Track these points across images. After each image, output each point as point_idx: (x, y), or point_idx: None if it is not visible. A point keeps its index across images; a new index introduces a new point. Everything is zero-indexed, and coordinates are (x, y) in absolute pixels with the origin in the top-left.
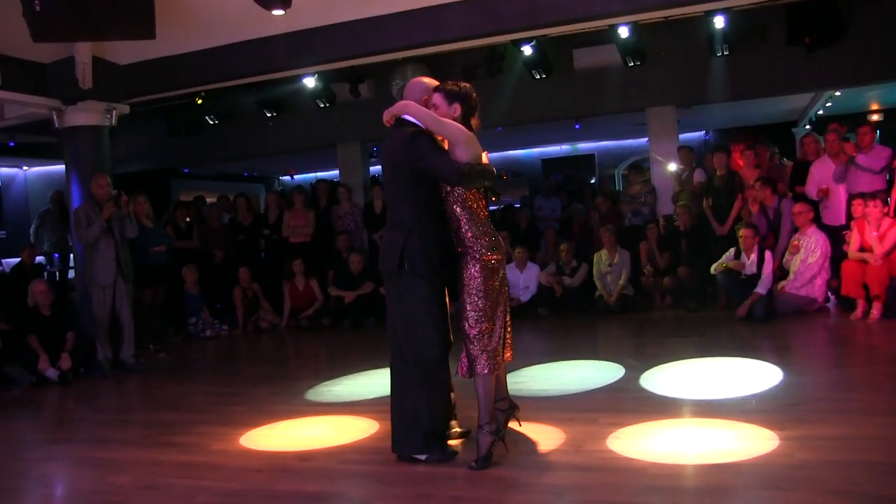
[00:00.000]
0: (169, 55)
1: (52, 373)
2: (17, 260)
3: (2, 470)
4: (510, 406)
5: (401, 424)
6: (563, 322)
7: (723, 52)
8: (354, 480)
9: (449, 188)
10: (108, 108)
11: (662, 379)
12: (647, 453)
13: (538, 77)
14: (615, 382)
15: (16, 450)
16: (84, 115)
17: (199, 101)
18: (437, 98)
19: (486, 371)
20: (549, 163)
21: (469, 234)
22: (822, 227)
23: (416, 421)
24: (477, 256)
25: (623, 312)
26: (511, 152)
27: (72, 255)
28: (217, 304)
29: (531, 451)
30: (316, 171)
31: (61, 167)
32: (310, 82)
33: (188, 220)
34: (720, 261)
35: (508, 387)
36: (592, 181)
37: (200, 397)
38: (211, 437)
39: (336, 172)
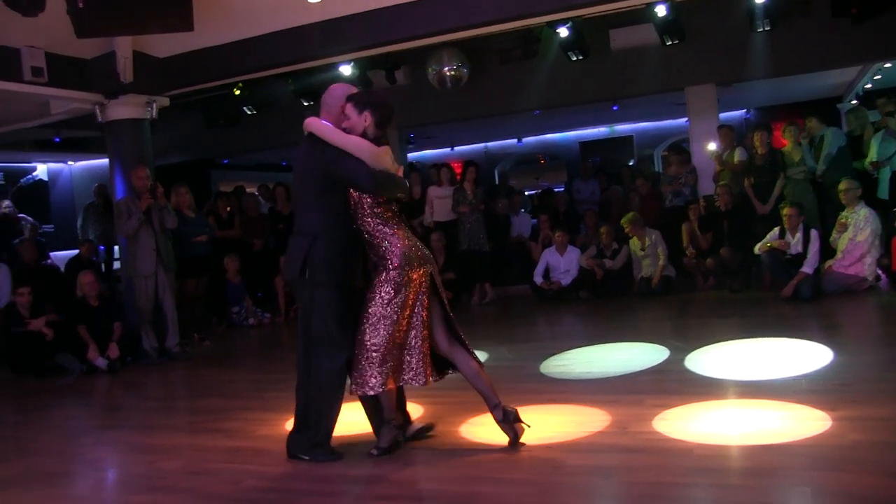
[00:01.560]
0: (206, 47)
1: (101, 361)
2: (67, 253)
3: (57, 455)
4: (404, 422)
5: (296, 424)
6: (605, 305)
7: (764, 28)
8: (398, 463)
9: (358, 200)
10: (148, 100)
11: (707, 360)
12: (694, 434)
13: (575, 59)
14: (659, 364)
15: (69, 435)
16: (125, 109)
17: (237, 92)
18: (348, 108)
19: (378, 390)
20: (587, 145)
21: (382, 246)
22: (872, 204)
23: (306, 426)
24: (388, 268)
25: (665, 294)
26: (548, 136)
27: (116, 247)
28: (258, 293)
29: (576, 433)
30: None
31: (104, 161)
32: (346, 70)
33: (229, 209)
34: (764, 240)
35: (552, 369)
36: (631, 163)
37: (245, 384)
38: (256, 423)
39: None
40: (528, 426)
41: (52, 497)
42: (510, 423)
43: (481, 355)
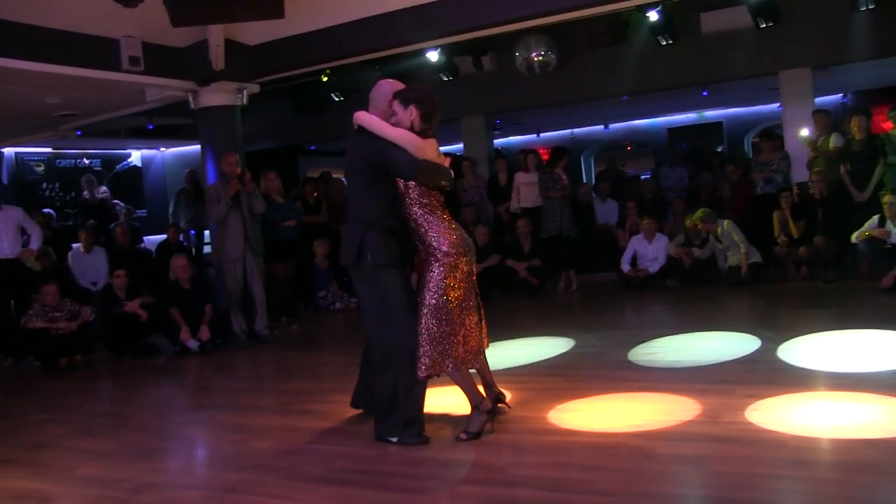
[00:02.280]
0: (296, 34)
1: (192, 343)
2: (159, 237)
3: (153, 432)
4: (496, 397)
5: (378, 410)
6: (693, 293)
7: (867, 6)
8: (488, 448)
9: (405, 190)
10: (239, 87)
11: (801, 351)
12: (789, 426)
13: (664, 43)
14: (750, 354)
15: (164, 413)
16: (217, 96)
17: (325, 79)
18: (395, 104)
19: (451, 369)
20: (675, 132)
21: (430, 234)
22: None
23: (394, 407)
24: (438, 256)
25: (754, 283)
26: (636, 122)
27: (206, 232)
28: (344, 277)
29: (667, 422)
30: (439, 145)
31: (195, 147)
32: (433, 56)
33: (316, 195)
34: (862, 229)
35: (640, 357)
36: (719, 149)
37: (332, 367)
38: (345, 406)
39: (460, 146)
40: (492, 430)
41: (150, 471)
42: (482, 414)
43: (567, 342)
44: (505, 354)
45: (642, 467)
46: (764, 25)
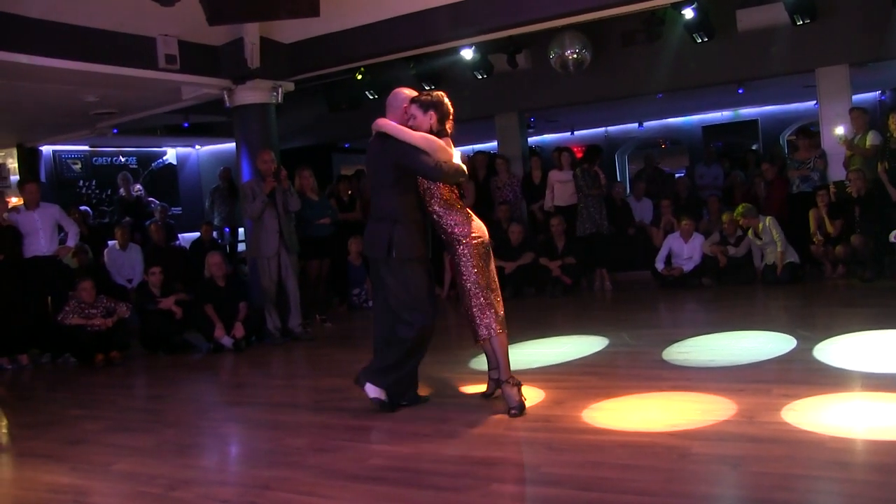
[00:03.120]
0: (332, 32)
1: (227, 340)
2: (194, 235)
3: (189, 427)
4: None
5: (373, 363)
6: (728, 292)
7: None
8: (522, 447)
9: (427, 187)
10: (274, 85)
11: (838, 351)
12: (826, 426)
13: (700, 41)
14: (786, 354)
15: (199, 409)
16: (252, 94)
17: (359, 77)
18: (414, 109)
19: (500, 331)
20: (710, 130)
21: (451, 223)
22: None
23: (385, 371)
24: (463, 241)
25: (790, 283)
26: (670, 120)
27: (241, 229)
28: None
29: (702, 421)
30: (473, 143)
31: (229, 145)
32: (467, 54)
33: (350, 192)
34: None
35: (674, 356)
36: (754, 147)
37: (365, 365)
38: None
39: (494, 144)
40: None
41: (185, 467)
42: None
43: (601, 340)
44: (539, 353)
45: (679, 467)
46: (801, 22)
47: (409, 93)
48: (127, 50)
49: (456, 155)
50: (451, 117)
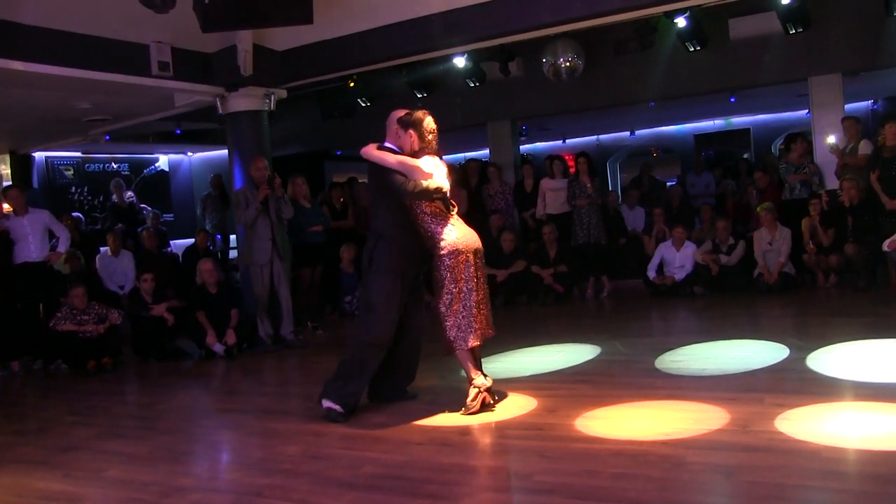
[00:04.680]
0: (325, 39)
1: (218, 347)
2: (186, 241)
3: (181, 435)
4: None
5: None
6: (720, 301)
7: None
8: (516, 455)
9: (411, 203)
10: (266, 93)
11: (831, 360)
12: (820, 436)
13: (692, 49)
14: (779, 363)
15: (191, 417)
16: (245, 101)
17: (352, 84)
18: (398, 129)
19: (463, 347)
20: (702, 138)
21: (437, 232)
22: None
23: (343, 384)
24: (445, 248)
25: (783, 291)
26: (663, 128)
27: (232, 236)
28: None
29: (695, 430)
30: (466, 151)
31: (221, 152)
32: (459, 62)
33: (342, 200)
34: (893, 237)
35: (667, 365)
36: (745, 156)
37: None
38: (372, 411)
39: (486, 152)
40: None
41: (177, 475)
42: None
43: (594, 349)
44: (531, 361)
45: (672, 476)
46: (793, 31)
47: (399, 113)
48: (120, 57)
49: (439, 172)
50: (432, 134)
